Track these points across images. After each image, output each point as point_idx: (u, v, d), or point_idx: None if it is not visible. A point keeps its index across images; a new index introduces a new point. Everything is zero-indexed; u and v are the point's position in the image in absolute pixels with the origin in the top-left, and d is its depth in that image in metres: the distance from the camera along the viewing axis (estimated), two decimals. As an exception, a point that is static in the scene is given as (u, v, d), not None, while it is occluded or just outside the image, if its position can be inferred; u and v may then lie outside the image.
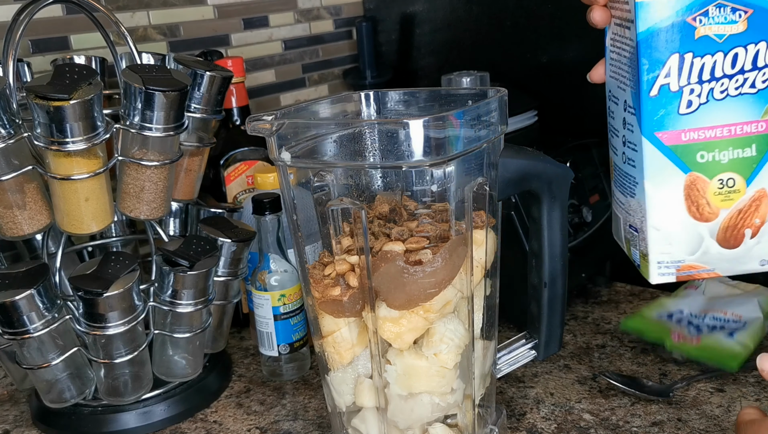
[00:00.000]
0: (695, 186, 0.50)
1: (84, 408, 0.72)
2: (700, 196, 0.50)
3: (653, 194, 0.50)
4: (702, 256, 0.52)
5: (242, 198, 0.89)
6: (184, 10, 1.01)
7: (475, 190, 0.53)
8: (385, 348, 0.54)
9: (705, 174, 0.50)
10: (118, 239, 0.79)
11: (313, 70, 1.21)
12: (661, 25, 0.47)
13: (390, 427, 0.56)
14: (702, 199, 0.50)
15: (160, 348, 0.73)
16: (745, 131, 0.49)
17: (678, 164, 0.50)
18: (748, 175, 0.50)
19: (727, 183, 0.50)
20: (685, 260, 0.52)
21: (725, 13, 0.47)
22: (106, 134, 0.63)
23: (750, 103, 0.48)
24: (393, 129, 0.49)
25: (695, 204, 0.50)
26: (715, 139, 0.49)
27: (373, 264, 0.52)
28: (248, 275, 0.79)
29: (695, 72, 0.48)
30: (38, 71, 0.80)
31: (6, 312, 0.63)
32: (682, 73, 0.48)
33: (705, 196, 0.50)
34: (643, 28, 0.47)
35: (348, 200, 0.52)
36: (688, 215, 0.50)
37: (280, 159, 0.53)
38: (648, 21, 0.47)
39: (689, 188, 0.50)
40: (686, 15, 0.47)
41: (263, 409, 0.74)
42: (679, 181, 0.50)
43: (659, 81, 0.48)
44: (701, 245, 0.51)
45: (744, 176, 0.50)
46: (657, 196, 0.50)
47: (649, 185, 0.50)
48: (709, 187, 0.50)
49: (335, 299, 0.53)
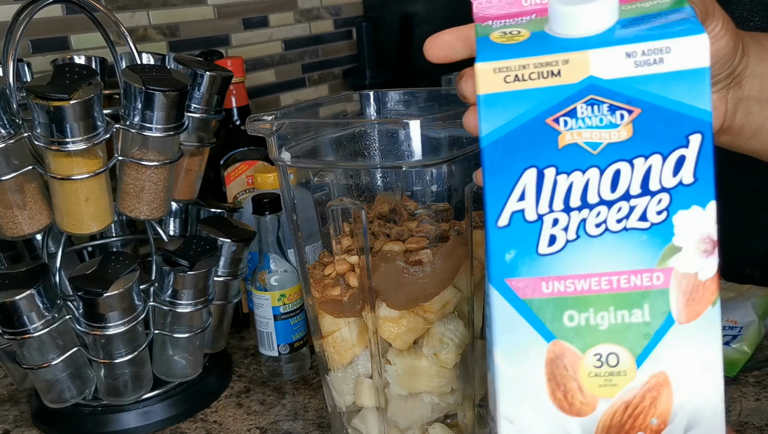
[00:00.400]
0: (562, 362, 0.34)
1: (84, 408, 0.72)
2: (568, 377, 0.34)
3: (504, 369, 0.35)
4: None
5: (242, 198, 0.89)
6: (184, 10, 1.01)
7: (476, 190, 0.53)
8: (385, 348, 0.54)
9: (575, 345, 0.34)
10: (118, 239, 0.79)
11: (313, 70, 1.21)
12: (511, 127, 0.33)
13: (390, 427, 0.56)
14: (571, 382, 0.34)
15: (160, 348, 0.73)
16: (634, 284, 0.34)
17: (538, 328, 0.34)
18: (638, 350, 0.34)
19: (607, 360, 0.34)
20: None
21: (601, 112, 0.33)
22: (106, 134, 0.63)
23: (640, 243, 0.33)
24: (393, 129, 0.49)
25: (562, 388, 0.35)
26: (590, 293, 0.34)
27: (372, 264, 0.52)
28: (248, 275, 0.79)
29: (560, 195, 0.34)
30: (38, 71, 0.80)
31: (6, 312, 0.63)
32: (542, 196, 0.34)
33: (576, 377, 0.34)
34: (488, 130, 0.33)
35: (348, 200, 0.52)
36: (552, 403, 0.35)
37: (280, 159, 0.53)
38: (494, 121, 0.33)
39: (553, 363, 0.34)
40: (546, 114, 0.33)
41: (263, 409, 0.74)
42: (539, 352, 0.34)
43: (510, 206, 0.34)
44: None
45: (633, 352, 0.34)
46: (509, 372, 0.35)
47: (499, 356, 0.35)
48: (582, 364, 0.34)
49: (335, 299, 0.53)
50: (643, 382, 0.34)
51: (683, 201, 0.33)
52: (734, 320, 0.76)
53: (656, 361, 0.34)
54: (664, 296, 0.34)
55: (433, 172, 0.52)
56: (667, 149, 0.33)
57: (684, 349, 0.34)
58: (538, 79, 0.33)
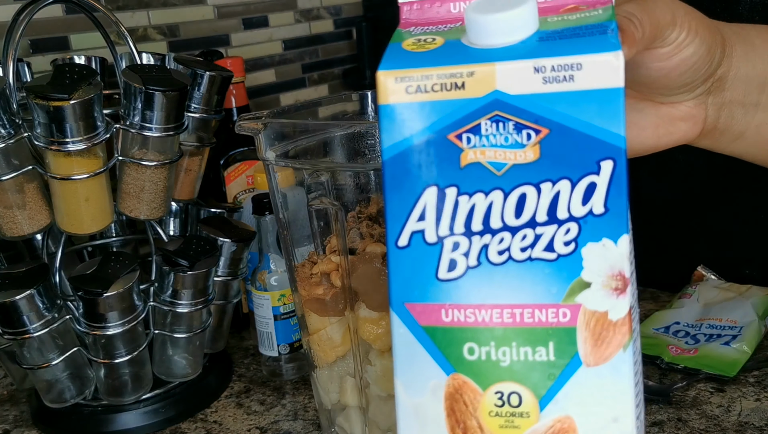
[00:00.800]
0: (461, 397, 0.32)
1: (84, 408, 0.72)
2: (468, 414, 0.32)
3: (404, 399, 0.33)
4: None
5: (242, 198, 0.89)
6: (184, 10, 1.01)
7: None
8: (367, 349, 0.54)
9: (476, 380, 0.32)
10: (118, 239, 0.79)
11: (313, 70, 1.21)
12: (413, 141, 0.31)
13: (372, 427, 0.56)
14: (471, 419, 0.32)
15: (160, 348, 0.73)
16: (538, 319, 0.31)
17: (437, 358, 0.32)
18: (542, 391, 0.31)
19: (509, 400, 0.32)
20: None
21: (506, 131, 0.30)
22: (106, 134, 0.63)
23: (546, 275, 0.31)
24: (374, 130, 0.49)
25: (461, 426, 0.32)
26: (491, 325, 0.31)
27: (352, 265, 0.51)
28: (248, 275, 0.79)
29: (461, 217, 0.31)
30: (38, 71, 0.80)
31: (6, 312, 0.63)
32: (443, 217, 0.31)
33: (476, 415, 0.32)
34: (389, 143, 0.31)
35: (328, 200, 0.52)
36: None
37: (266, 158, 0.53)
38: (394, 135, 0.31)
39: (452, 398, 0.32)
40: (448, 130, 0.31)
41: (263, 409, 0.74)
42: (439, 385, 0.32)
43: (409, 226, 0.32)
44: None
45: (536, 393, 0.31)
46: (408, 403, 0.33)
47: (399, 385, 0.33)
48: (483, 402, 0.32)
49: (319, 298, 0.54)
50: (547, 426, 0.31)
51: (593, 233, 0.30)
52: (734, 321, 0.76)
53: (561, 404, 0.31)
54: (570, 335, 0.31)
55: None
56: (577, 175, 0.30)
57: (592, 394, 0.31)
58: (441, 91, 0.31)
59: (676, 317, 0.80)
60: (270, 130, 0.53)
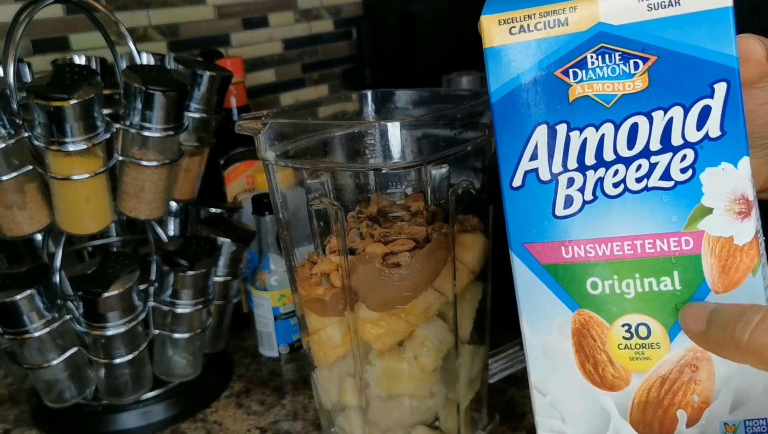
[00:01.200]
0: (588, 332, 0.33)
1: (84, 408, 0.72)
2: (597, 348, 0.33)
3: (531, 338, 0.34)
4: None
5: (242, 198, 0.89)
6: (184, 10, 1.01)
7: (460, 193, 0.53)
8: (366, 349, 0.54)
9: (602, 314, 0.32)
10: (118, 239, 0.79)
11: (313, 70, 1.21)
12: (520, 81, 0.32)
13: (372, 427, 0.56)
14: (600, 353, 0.33)
15: (160, 348, 0.73)
16: (660, 249, 0.31)
17: (561, 296, 0.33)
18: (670, 321, 0.31)
19: (637, 332, 0.32)
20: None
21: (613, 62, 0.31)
22: (106, 134, 0.63)
23: (664, 204, 0.31)
24: (373, 130, 0.49)
25: (591, 360, 0.33)
26: (612, 259, 0.31)
27: (352, 265, 0.52)
28: (248, 275, 0.79)
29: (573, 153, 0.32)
30: (38, 71, 0.80)
31: (6, 312, 0.63)
32: (555, 154, 0.32)
33: (605, 349, 0.32)
34: (496, 85, 0.32)
35: (327, 200, 0.52)
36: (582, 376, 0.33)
37: (266, 158, 0.53)
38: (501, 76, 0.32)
39: (580, 333, 0.33)
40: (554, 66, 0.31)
41: (263, 409, 0.74)
42: (565, 321, 0.33)
43: (522, 165, 0.32)
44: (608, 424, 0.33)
45: (664, 323, 0.31)
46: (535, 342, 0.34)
47: (525, 325, 0.34)
48: (611, 335, 0.32)
49: (319, 298, 0.54)
50: (679, 355, 0.31)
51: (711, 157, 0.30)
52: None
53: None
54: (695, 263, 0.30)
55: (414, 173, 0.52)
56: (689, 100, 0.30)
57: None
58: (545, 29, 0.31)
59: None
60: (270, 130, 0.53)
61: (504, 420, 0.67)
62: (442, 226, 0.53)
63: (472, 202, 0.54)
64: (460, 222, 0.54)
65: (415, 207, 0.54)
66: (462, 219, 0.54)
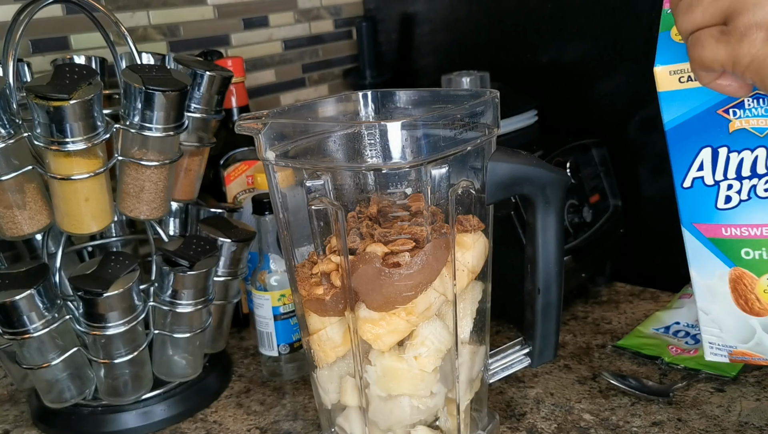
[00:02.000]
0: (742, 281, 0.46)
1: (84, 408, 0.72)
2: (748, 291, 0.46)
3: (698, 280, 0.48)
4: (756, 346, 0.48)
5: (242, 198, 0.89)
6: (184, 10, 1.01)
7: (459, 193, 0.53)
8: (366, 349, 0.54)
9: (752, 271, 0.45)
10: (118, 239, 0.79)
11: (313, 70, 1.21)
12: (688, 116, 0.43)
13: (372, 427, 0.56)
14: (750, 294, 0.46)
15: (160, 348, 0.73)
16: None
17: (720, 258, 0.46)
18: None
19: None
20: (738, 347, 0.48)
21: (765, 104, 0.42)
22: (106, 134, 0.63)
23: None
24: (373, 130, 0.49)
25: (743, 298, 0.46)
26: (761, 238, 0.44)
27: (352, 265, 0.51)
28: (248, 275, 0.79)
29: (732, 167, 0.43)
30: (38, 71, 0.80)
31: (6, 312, 0.63)
32: (717, 167, 0.44)
33: (754, 292, 0.46)
34: (669, 118, 0.44)
35: (327, 200, 0.52)
36: (736, 307, 0.47)
37: (266, 158, 0.53)
38: (673, 112, 0.43)
39: (735, 282, 0.46)
40: (717, 107, 0.42)
41: (263, 409, 0.74)
42: (723, 273, 0.46)
43: (691, 174, 0.44)
44: (754, 336, 0.47)
45: None
46: (702, 283, 0.47)
47: (693, 272, 0.48)
48: (759, 284, 0.46)
49: (319, 298, 0.54)
50: None
51: None
52: (735, 320, 0.76)
53: None
54: None
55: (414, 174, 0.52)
56: None
57: None
58: None
59: (676, 318, 0.80)
60: (270, 130, 0.53)
61: (504, 420, 0.67)
62: (442, 226, 0.53)
63: (471, 202, 0.54)
64: (460, 222, 0.54)
65: (415, 207, 0.54)
66: (462, 219, 0.54)
